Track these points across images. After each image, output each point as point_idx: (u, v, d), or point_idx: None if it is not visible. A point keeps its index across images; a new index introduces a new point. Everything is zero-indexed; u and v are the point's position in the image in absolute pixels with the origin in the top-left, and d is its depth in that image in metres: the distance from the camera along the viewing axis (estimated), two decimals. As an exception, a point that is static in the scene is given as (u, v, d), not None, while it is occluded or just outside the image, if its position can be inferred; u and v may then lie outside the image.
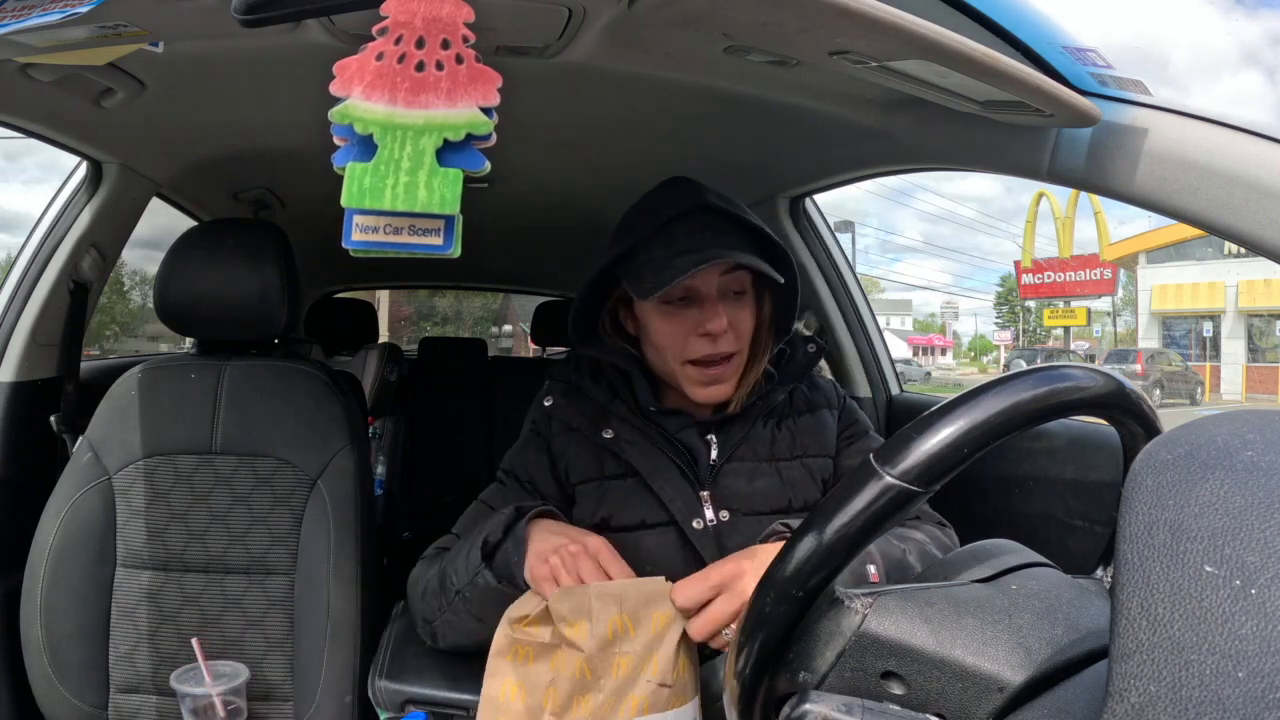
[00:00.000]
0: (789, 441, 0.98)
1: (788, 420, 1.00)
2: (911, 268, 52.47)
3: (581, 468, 0.97)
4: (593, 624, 0.73)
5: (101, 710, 1.14)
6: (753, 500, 0.94)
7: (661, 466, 0.94)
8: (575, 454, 0.98)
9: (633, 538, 0.93)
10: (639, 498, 0.94)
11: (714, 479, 0.95)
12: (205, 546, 1.18)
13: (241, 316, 1.23)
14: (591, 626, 0.73)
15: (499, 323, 19.49)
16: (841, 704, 0.43)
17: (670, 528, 0.93)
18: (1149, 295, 21.19)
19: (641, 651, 0.72)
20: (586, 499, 0.96)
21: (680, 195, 0.94)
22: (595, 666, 0.72)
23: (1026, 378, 0.43)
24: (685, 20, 0.69)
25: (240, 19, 0.54)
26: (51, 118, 1.07)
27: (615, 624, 0.73)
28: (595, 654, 0.72)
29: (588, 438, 0.98)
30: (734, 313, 0.92)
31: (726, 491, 0.94)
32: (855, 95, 0.93)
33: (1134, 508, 0.32)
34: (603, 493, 0.96)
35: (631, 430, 0.96)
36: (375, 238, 0.54)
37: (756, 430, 0.98)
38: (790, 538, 0.45)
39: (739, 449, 0.96)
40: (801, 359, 1.02)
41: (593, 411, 0.99)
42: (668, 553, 0.93)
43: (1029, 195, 27.28)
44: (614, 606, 0.73)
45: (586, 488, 0.97)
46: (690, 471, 0.95)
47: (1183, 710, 0.27)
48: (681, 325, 0.92)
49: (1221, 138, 0.68)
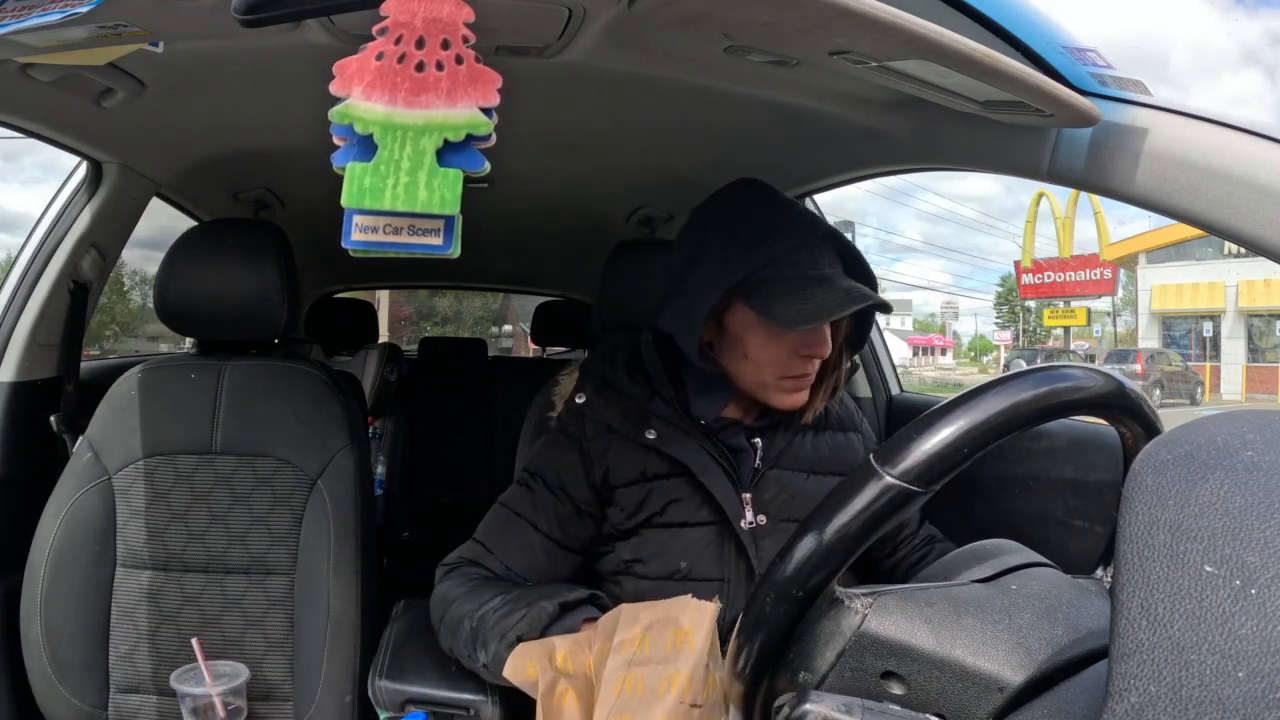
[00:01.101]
0: (827, 455, 0.99)
1: (825, 434, 1.01)
2: (911, 268, 52.47)
3: (623, 470, 0.94)
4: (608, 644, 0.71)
5: (101, 710, 1.14)
6: (790, 507, 0.95)
7: (710, 465, 0.93)
8: (617, 456, 0.95)
9: (672, 533, 0.93)
10: (685, 496, 0.93)
11: (756, 483, 0.95)
12: (205, 546, 1.18)
13: (241, 316, 1.22)
14: (603, 647, 0.72)
15: (499, 323, 19.47)
16: (841, 704, 0.43)
17: (712, 527, 0.93)
18: (1149, 295, 21.19)
19: (658, 669, 0.70)
20: (627, 500, 0.95)
21: (785, 212, 0.93)
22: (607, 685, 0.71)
23: (1026, 378, 0.43)
24: (685, 20, 0.69)
25: (240, 19, 0.54)
26: (51, 118, 1.07)
27: (634, 641, 0.71)
28: (609, 674, 0.71)
29: (629, 438, 0.95)
30: (831, 333, 0.93)
31: (766, 496, 0.95)
32: (855, 95, 0.93)
33: (1134, 508, 0.32)
34: (646, 493, 0.94)
35: (674, 430, 0.94)
36: (375, 238, 0.54)
37: (800, 439, 0.99)
38: (790, 538, 0.45)
39: (783, 456, 0.97)
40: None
41: (633, 410, 0.96)
42: (706, 551, 0.93)
43: (1029, 195, 27.27)
44: (633, 626, 0.72)
45: (629, 490, 0.94)
46: (733, 473, 0.94)
47: (1183, 710, 0.27)
48: (786, 345, 0.90)
49: (1221, 138, 0.68)
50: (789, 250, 0.89)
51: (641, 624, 0.73)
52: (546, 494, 0.96)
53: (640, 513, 0.94)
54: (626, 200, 1.74)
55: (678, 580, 0.92)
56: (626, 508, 0.94)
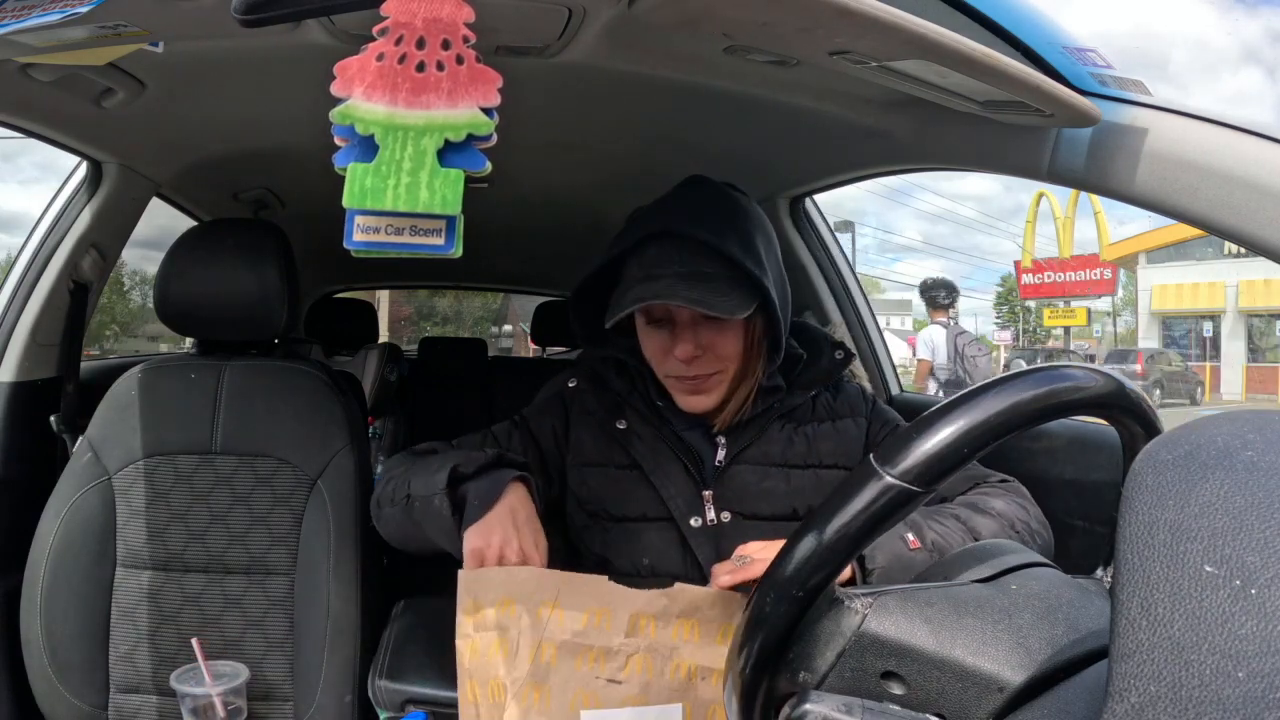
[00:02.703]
0: (805, 448, 0.97)
1: (806, 426, 0.98)
2: (911, 267, 52.42)
3: (587, 450, 0.99)
4: (525, 606, 0.72)
5: (101, 710, 1.14)
6: (756, 503, 0.94)
7: (666, 462, 0.95)
8: (587, 436, 0.99)
9: (634, 529, 0.94)
10: (641, 491, 0.95)
11: (719, 479, 0.95)
12: (205, 546, 1.18)
13: (241, 316, 1.23)
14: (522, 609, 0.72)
15: (499, 323, 19.48)
16: (841, 704, 0.43)
17: (669, 524, 0.94)
18: (1149, 295, 21.18)
19: (573, 641, 0.72)
20: (592, 479, 0.97)
21: (675, 208, 0.92)
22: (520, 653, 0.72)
23: (1026, 378, 0.43)
24: (685, 20, 0.69)
25: (240, 19, 0.54)
26: (51, 118, 1.07)
27: (547, 611, 0.72)
28: (522, 641, 0.72)
29: (601, 425, 0.99)
30: (713, 336, 0.90)
31: (730, 493, 0.94)
32: (855, 95, 0.93)
33: (1134, 508, 0.32)
34: (606, 480, 0.97)
35: (644, 424, 0.98)
36: (376, 238, 0.54)
37: (771, 433, 0.97)
38: (790, 537, 0.45)
39: (748, 450, 0.96)
40: (825, 365, 1.00)
41: (611, 402, 1.00)
42: (667, 548, 0.93)
43: (1029, 194, 27.28)
44: (551, 592, 0.73)
45: (592, 471, 0.98)
46: (695, 470, 0.95)
47: (1183, 710, 0.27)
48: (659, 343, 0.92)
49: (1221, 138, 0.68)
50: (640, 245, 0.90)
51: (562, 597, 0.74)
52: (527, 438, 1.00)
53: (602, 498, 0.96)
54: (626, 200, 1.73)
55: (644, 578, 0.93)
56: (589, 490, 0.97)
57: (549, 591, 0.72)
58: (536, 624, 0.71)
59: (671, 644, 0.73)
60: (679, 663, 0.73)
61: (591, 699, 0.71)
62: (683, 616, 0.74)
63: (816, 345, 1.01)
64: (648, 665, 0.73)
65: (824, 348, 1.01)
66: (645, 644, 0.73)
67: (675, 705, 0.73)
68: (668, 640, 0.73)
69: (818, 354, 1.00)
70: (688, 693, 0.73)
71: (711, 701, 0.73)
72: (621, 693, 0.72)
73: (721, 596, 0.74)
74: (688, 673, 0.73)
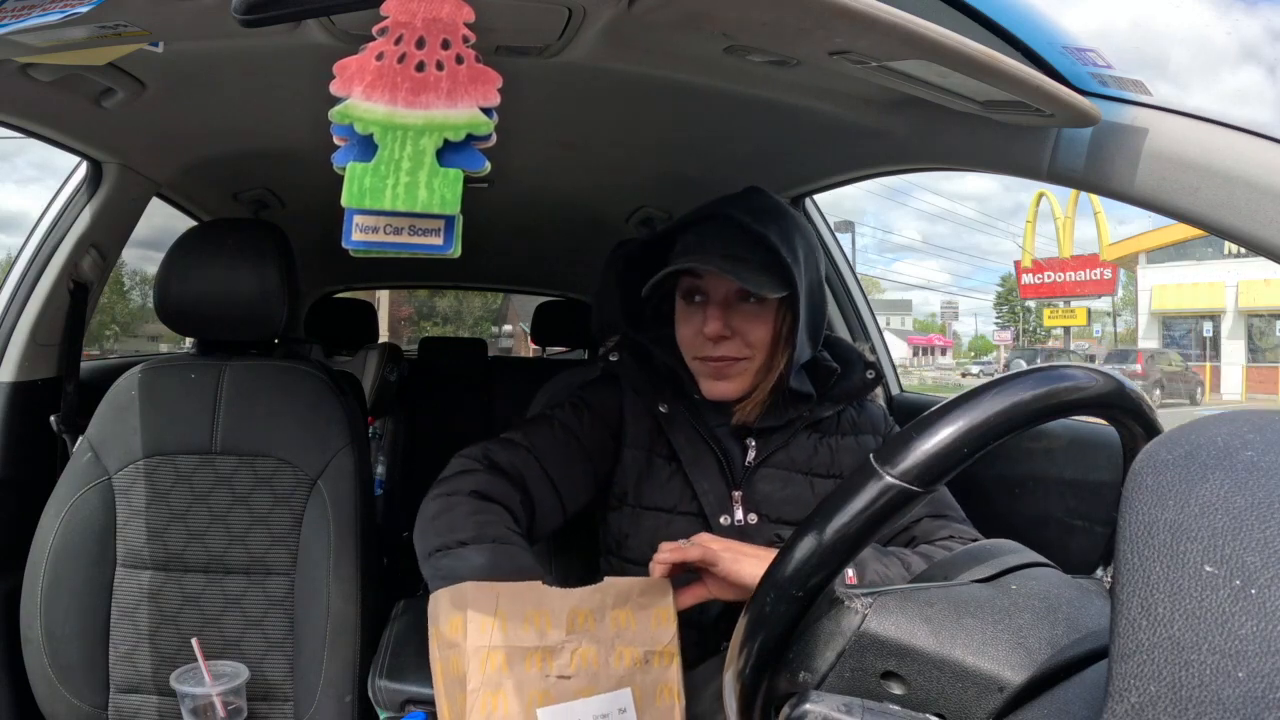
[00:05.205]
0: (829, 459, 0.99)
1: (831, 438, 1.00)
2: (911, 267, 52.46)
3: (632, 433, 0.99)
4: (470, 621, 0.73)
5: (101, 710, 1.14)
6: (781, 507, 0.96)
7: (702, 457, 0.96)
8: (633, 418, 1.00)
9: (664, 519, 0.96)
10: (677, 483, 0.97)
11: (748, 480, 0.97)
12: (205, 546, 1.18)
13: (241, 316, 1.23)
14: (468, 624, 0.73)
15: (499, 323, 19.47)
16: (841, 704, 0.43)
17: (698, 519, 0.95)
18: (1149, 295, 21.18)
19: (518, 646, 0.74)
20: (631, 467, 0.98)
21: (730, 199, 0.95)
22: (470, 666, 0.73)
23: (1026, 378, 0.43)
24: (685, 20, 0.69)
25: (240, 19, 0.54)
26: (51, 118, 1.07)
27: (490, 621, 0.74)
28: (471, 654, 0.73)
29: (646, 407, 1.00)
30: (743, 320, 0.92)
31: (758, 495, 0.96)
32: (855, 95, 0.93)
33: (1134, 508, 0.32)
34: (647, 468, 0.98)
35: (682, 413, 0.99)
36: (375, 238, 0.54)
37: (798, 440, 0.99)
38: (790, 537, 0.45)
39: (776, 455, 0.98)
40: (857, 382, 1.02)
41: (656, 381, 1.00)
42: None
43: (1028, 194, 27.28)
44: (490, 604, 0.75)
45: (635, 454, 0.98)
46: (727, 469, 0.96)
47: (1183, 710, 0.27)
48: (693, 322, 0.94)
49: (1221, 138, 0.68)
50: (697, 224, 0.94)
51: (501, 606, 0.75)
52: (594, 417, 1.00)
53: (639, 486, 0.97)
54: (626, 200, 1.74)
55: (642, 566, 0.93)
56: (629, 475, 0.98)
57: (488, 603, 0.75)
58: (481, 635, 0.74)
59: (611, 633, 0.76)
60: (621, 650, 0.76)
61: (545, 696, 0.73)
62: (616, 607, 0.77)
63: (850, 363, 1.03)
64: (592, 657, 0.75)
65: (857, 365, 1.03)
66: (586, 638, 0.76)
67: (625, 690, 0.76)
68: (607, 631, 0.76)
69: (850, 371, 1.02)
70: (634, 677, 0.76)
71: (658, 682, 0.77)
72: (573, 686, 0.74)
73: (650, 583, 0.78)
74: (631, 659, 0.76)
